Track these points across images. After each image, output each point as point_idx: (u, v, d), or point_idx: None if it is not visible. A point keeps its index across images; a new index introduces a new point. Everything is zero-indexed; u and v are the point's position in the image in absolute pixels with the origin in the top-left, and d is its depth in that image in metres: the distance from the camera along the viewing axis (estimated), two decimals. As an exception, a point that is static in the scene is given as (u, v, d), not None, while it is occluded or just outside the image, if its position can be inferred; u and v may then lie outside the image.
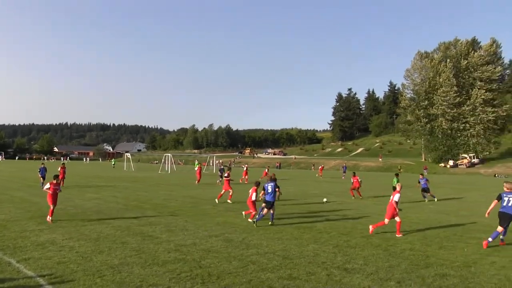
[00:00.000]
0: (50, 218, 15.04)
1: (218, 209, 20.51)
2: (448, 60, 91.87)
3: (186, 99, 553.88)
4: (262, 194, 16.35)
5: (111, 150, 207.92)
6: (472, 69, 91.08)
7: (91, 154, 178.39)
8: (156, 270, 9.18)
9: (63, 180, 30.39)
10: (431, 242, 12.88)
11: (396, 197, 14.01)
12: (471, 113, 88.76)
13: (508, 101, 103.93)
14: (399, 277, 8.90)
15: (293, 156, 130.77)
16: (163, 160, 75.06)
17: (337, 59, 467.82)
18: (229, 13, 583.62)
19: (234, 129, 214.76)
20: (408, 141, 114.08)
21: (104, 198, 24.66)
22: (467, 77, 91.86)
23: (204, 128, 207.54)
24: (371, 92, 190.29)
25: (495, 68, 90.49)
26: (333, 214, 18.95)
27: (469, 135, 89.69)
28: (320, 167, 63.34)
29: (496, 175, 72.43)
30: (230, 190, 23.32)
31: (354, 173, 28.85)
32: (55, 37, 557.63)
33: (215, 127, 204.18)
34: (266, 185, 15.98)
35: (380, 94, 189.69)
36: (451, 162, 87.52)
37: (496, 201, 12.85)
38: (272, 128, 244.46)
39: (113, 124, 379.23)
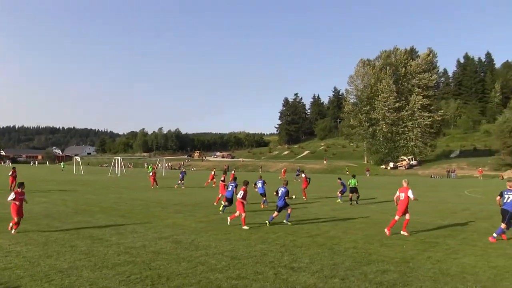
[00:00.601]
0: (15, 231, 13.51)
1: (167, 211, 20.37)
2: (388, 68, 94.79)
3: (136, 102, 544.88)
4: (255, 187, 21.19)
5: (60, 153, 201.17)
6: (411, 76, 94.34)
7: (39, 157, 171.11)
8: (106, 273, 9.02)
9: (12, 185, 29.75)
10: (372, 240, 13.26)
11: (410, 193, 14.03)
12: (410, 117, 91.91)
13: (442, 107, 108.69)
14: (343, 274, 9.12)
15: (241, 159, 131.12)
16: (112, 163, 73.78)
17: (284, 65, 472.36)
18: (178, 16, 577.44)
19: (184, 132, 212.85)
20: (351, 144, 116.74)
21: (53, 202, 23.96)
22: (406, 83, 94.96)
23: (154, 131, 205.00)
24: (316, 97, 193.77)
25: (431, 76, 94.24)
26: (280, 215, 19.11)
27: (408, 138, 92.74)
28: (283, 169, 63.26)
29: (432, 176, 75.39)
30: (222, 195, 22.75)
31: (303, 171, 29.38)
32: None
33: (165, 131, 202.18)
34: (278, 188, 16.78)
35: (325, 99, 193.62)
36: (391, 164, 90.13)
37: (499, 197, 13.34)
38: (221, 132, 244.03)
39: (63, 127, 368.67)
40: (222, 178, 24.42)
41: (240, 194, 15.86)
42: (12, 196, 13.73)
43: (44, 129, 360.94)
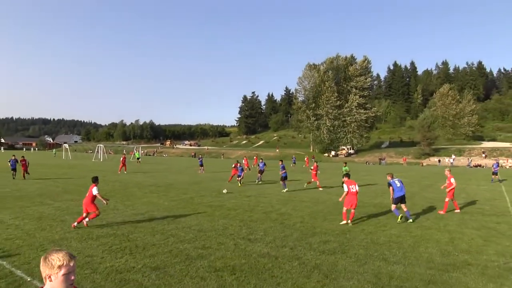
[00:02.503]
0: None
1: (143, 191, 20.19)
2: (331, 71, 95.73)
3: (116, 97, 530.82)
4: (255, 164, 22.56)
5: (52, 141, 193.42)
6: (349, 79, 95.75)
7: (34, 144, 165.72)
8: (91, 244, 9.03)
9: (26, 172, 26.83)
10: (317, 216, 13.58)
11: (453, 180, 15.16)
12: (348, 113, 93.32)
13: (375, 105, 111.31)
14: (292, 244, 9.34)
15: (206, 147, 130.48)
16: (96, 150, 72.09)
17: (244, 67, 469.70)
18: (160, 15, 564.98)
19: (157, 124, 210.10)
20: (300, 135, 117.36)
21: (45, 183, 23.42)
22: (345, 85, 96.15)
23: (132, 122, 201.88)
24: (270, 95, 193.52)
25: (366, 79, 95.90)
26: (240, 195, 19.27)
27: (347, 131, 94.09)
28: (254, 157, 61.05)
29: (367, 163, 77.36)
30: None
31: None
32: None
33: (141, 122, 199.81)
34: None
35: (278, 97, 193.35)
36: (333, 153, 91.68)
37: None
38: (189, 124, 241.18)
39: (53, 119, 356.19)
40: (233, 165, 25.88)
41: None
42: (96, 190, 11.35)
43: (37, 120, 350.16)
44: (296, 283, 6.76)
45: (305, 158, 61.63)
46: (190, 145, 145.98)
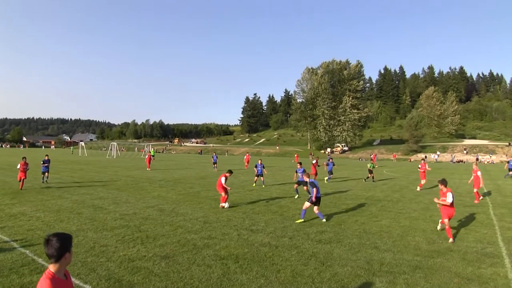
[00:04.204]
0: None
1: (153, 186, 20.12)
2: (328, 75, 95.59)
3: (129, 98, 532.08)
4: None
5: (69, 139, 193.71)
6: (344, 82, 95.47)
7: (52, 143, 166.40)
8: (106, 234, 9.00)
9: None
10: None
11: (479, 173, 16.29)
12: (343, 114, 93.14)
13: (368, 106, 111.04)
14: (291, 234, 9.33)
15: (211, 145, 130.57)
16: (110, 148, 72.12)
17: (247, 70, 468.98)
18: (170, 17, 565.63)
19: (166, 123, 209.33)
20: (298, 133, 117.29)
21: (62, 178, 23.33)
22: (340, 87, 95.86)
23: (143, 122, 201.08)
24: (271, 97, 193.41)
25: (359, 82, 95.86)
26: (242, 189, 19.24)
27: (341, 129, 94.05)
28: (246, 156, 58.70)
29: (360, 159, 77.11)
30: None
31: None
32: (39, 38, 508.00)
33: (151, 122, 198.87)
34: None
35: (278, 98, 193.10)
36: (329, 150, 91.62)
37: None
38: (196, 123, 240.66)
39: (71, 119, 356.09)
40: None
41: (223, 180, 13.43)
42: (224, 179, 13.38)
43: (56, 120, 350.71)
44: (294, 270, 6.77)
45: (295, 155, 60.61)
46: (197, 143, 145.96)
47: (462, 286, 6.14)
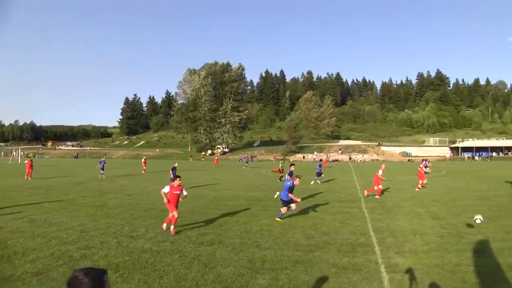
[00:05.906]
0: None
1: (23, 194, 17.84)
2: (210, 77, 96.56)
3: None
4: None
5: None
6: (225, 84, 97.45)
7: None
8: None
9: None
10: (195, 210, 13.52)
11: (380, 172, 17.77)
12: (224, 116, 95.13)
13: (248, 108, 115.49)
14: (172, 239, 9.16)
15: (88, 148, 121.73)
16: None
17: (126, 70, 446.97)
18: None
19: (38, 125, 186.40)
20: (179, 135, 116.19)
21: None
22: (221, 90, 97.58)
23: (11, 123, 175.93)
24: (152, 97, 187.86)
25: (240, 85, 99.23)
26: (120, 194, 18.25)
27: (222, 131, 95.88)
28: (143, 159, 55.85)
29: (240, 160, 79.53)
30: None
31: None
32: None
33: (21, 123, 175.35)
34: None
35: (158, 99, 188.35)
36: (209, 151, 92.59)
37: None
38: (71, 125, 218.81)
39: None
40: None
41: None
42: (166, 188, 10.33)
43: None
44: (178, 274, 6.67)
45: (190, 156, 60.50)
46: (72, 146, 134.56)
47: (339, 275, 6.75)
